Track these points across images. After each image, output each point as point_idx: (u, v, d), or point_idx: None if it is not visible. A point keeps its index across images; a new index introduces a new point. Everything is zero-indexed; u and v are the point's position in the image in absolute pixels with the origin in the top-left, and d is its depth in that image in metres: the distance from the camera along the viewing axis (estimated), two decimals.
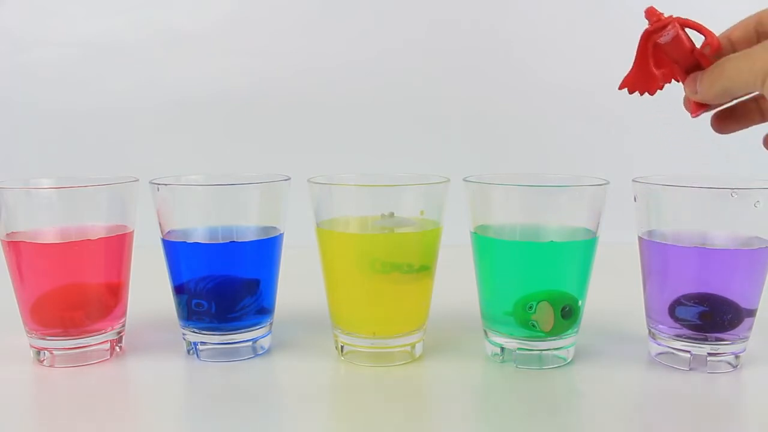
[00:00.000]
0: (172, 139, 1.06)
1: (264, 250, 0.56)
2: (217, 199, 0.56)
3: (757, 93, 0.45)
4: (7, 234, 0.53)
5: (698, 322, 0.52)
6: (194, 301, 0.54)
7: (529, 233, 0.53)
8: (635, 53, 0.48)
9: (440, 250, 0.55)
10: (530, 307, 0.52)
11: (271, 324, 0.58)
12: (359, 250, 0.53)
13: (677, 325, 0.53)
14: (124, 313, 0.57)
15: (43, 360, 0.55)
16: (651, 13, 0.46)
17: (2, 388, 0.51)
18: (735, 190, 0.50)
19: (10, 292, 0.55)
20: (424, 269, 0.54)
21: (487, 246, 0.54)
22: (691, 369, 0.53)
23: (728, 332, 0.52)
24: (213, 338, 0.55)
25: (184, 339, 0.56)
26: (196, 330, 0.55)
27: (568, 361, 0.54)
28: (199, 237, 0.55)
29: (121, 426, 0.46)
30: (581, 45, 1.02)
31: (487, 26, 1.06)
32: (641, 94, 0.49)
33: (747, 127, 0.50)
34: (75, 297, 0.54)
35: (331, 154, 1.02)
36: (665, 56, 0.48)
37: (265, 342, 0.57)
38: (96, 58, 1.06)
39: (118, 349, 0.57)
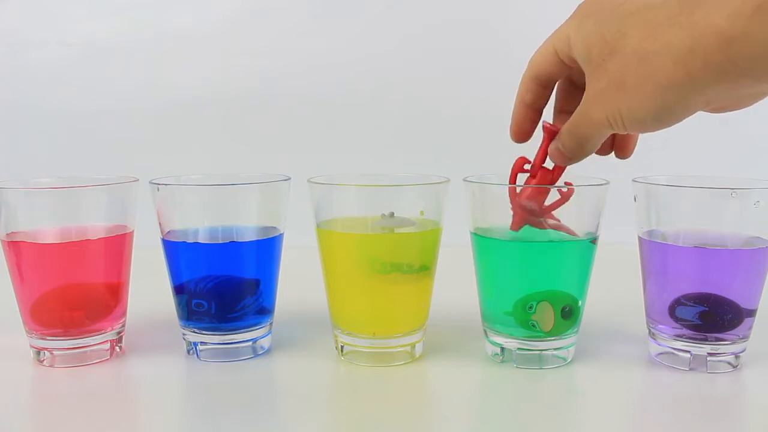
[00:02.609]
0: (172, 139, 1.06)
1: (264, 250, 0.56)
2: (217, 199, 0.56)
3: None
4: (7, 234, 0.53)
5: (698, 322, 0.52)
6: (194, 301, 0.54)
7: (529, 233, 0.53)
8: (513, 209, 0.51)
9: (440, 250, 0.55)
10: (530, 307, 0.52)
11: (271, 324, 0.58)
12: (359, 250, 0.53)
13: (677, 325, 0.53)
14: (124, 313, 0.57)
15: (43, 360, 0.55)
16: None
17: (2, 388, 0.51)
18: (735, 190, 0.50)
19: (10, 292, 0.55)
20: (424, 269, 0.54)
21: (487, 246, 0.54)
22: (691, 369, 0.53)
23: (728, 332, 0.52)
24: (213, 338, 0.55)
25: (184, 339, 0.56)
26: (196, 330, 0.55)
27: (568, 361, 0.54)
28: (199, 237, 0.55)
29: (121, 426, 0.46)
30: None
31: (487, 26, 1.06)
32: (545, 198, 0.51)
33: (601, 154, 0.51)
34: (75, 297, 0.54)
35: (331, 154, 1.02)
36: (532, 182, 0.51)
37: (265, 342, 0.57)
38: (96, 58, 1.06)
39: (118, 349, 0.57)
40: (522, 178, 0.52)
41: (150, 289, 0.64)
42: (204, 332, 0.55)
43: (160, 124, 1.06)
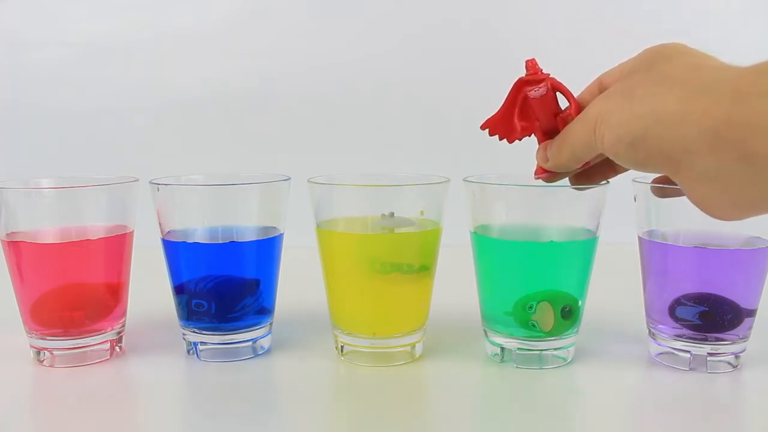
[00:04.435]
0: (172, 139, 1.06)
1: (264, 250, 0.56)
2: (217, 199, 0.56)
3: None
4: (7, 234, 0.53)
5: (698, 322, 0.52)
6: (194, 301, 0.54)
7: (529, 233, 0.53)
8: (506, 97, 0.48)
9: (440, 250, 0.55)
10: (530, 307, 0.52)
11: (271, 324, 0.58)
12: (359, 250, 0.53)
13: (677, 325, 0.53)
14: (124, 313, 0.57)
15: (43, 360, 0.55)
16: (531, 65, 0.47)
17: (2, 388, 0.51)
18: None
19: (10, 292, 0.55)
20: (424, 269, 0.54)
21: (487, 246, 0.54)
22: (691, 369, 0.53)
23: (728, 332, 0.52)
24: (213, 338, 0.55)
25: (184, 339, 0.56)
26: (196, 330, 0.55)
27: (568, 361, 0.54)
28: (199, 237, 0.55)
29: (121, 426, 0.46)
30: (581, 45, 1.02)
31: (487, 26, 1.06)
32: (500, 140, 0.49)
33: (601, 181, 0.50)
34: (75, 297, 0.54)
35: (331, 154, 1.02)
36: (530, 111, 0.47)
37: (265, 342, 0.57)
38: (96, 58, 1.06)
39: (118, 349, 0.57)
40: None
41: (150, 289, 0.64)
42: (204, 332, 0.55)
43: (160, 124, 1.06)
